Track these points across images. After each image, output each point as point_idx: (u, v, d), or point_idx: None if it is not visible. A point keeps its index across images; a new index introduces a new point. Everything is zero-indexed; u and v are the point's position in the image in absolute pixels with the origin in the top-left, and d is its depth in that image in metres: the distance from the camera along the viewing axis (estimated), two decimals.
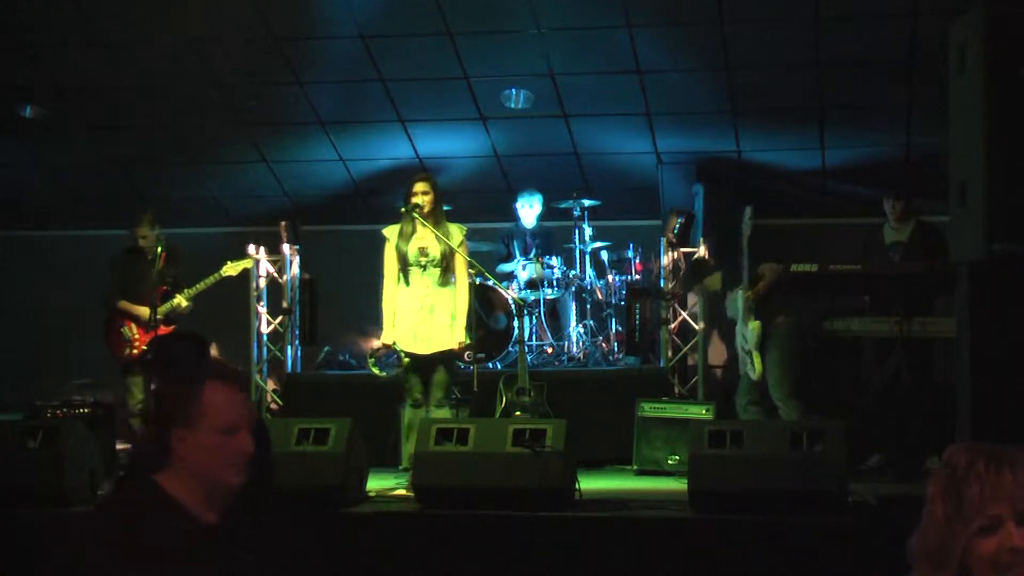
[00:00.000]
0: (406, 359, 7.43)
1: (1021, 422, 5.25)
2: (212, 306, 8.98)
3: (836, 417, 6.71)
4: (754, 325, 7.73)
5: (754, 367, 7.75)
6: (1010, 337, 5.67)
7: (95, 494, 6.70)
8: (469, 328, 7.62)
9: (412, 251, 7.47)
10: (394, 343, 7.44)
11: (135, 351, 8.53)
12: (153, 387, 4.13)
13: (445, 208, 8.53)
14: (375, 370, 7.55)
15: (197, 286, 8.68)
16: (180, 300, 8.59)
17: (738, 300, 7.88)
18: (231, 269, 8.98)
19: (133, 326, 8.59)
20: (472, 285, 7.91)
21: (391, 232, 7.58)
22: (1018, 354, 5.64)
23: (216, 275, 8.85)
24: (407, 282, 7.48)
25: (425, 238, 7.47)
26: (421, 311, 7.47)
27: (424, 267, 7.46)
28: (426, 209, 7.42)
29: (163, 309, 8.55)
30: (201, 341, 4.83)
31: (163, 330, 8.53)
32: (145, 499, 2.71)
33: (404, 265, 7.47)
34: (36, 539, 6.27)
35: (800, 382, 7.82)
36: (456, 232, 7.55)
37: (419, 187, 7.47)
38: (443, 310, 7.48)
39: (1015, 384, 5.55)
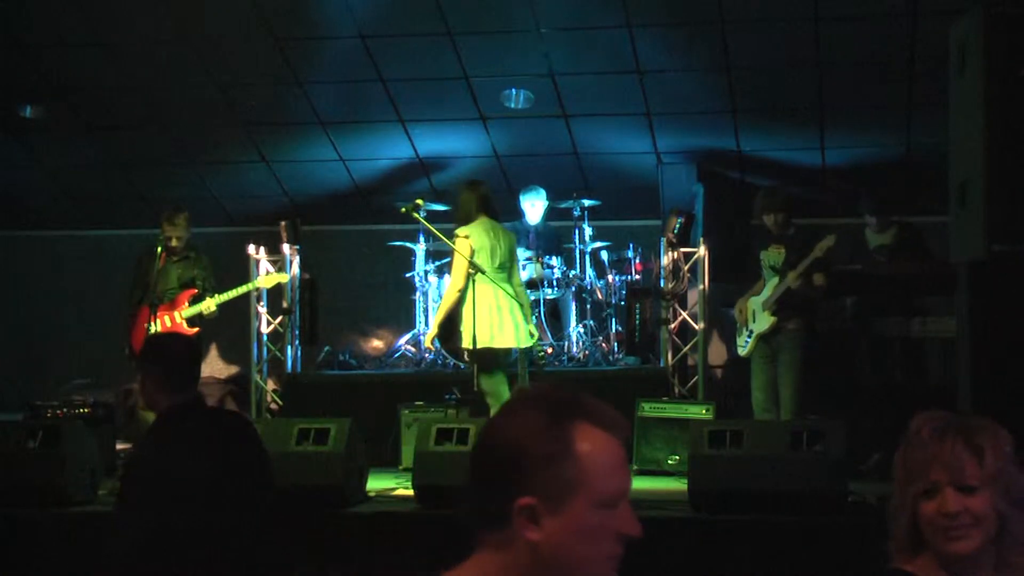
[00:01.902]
0: None
1: (1021, 422, 5.25)
2: None
3: (836, 417, 6.71)
4: (770, 320, 7.77)
5: (743, 347, 7.98)
6: (1010, 337, 5.67)
7: (95, 494, 6.71)
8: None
9: None
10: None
11: None
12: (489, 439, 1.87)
13: (437, 207, 9.49)
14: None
15: (229, 293, 8.58)
16: (210, 304, 8.47)
17: (771, 283, 7.88)
18: (265, 281, 9.04)
19: (158, 323, 8.47)
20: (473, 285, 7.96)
21: None
22: (1018, 354, 5.64)
23: (250, 284, 8.88)
24: None
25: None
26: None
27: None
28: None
29: (189, 312, 8.47)
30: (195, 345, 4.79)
31: (186, 332, 8.44)
32: None
33: None
34: (36, 539, 6.29)
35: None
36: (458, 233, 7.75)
37: None
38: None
39: (1015, 384, 5.55)
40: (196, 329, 8.51)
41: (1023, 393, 5.44)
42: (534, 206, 9.77)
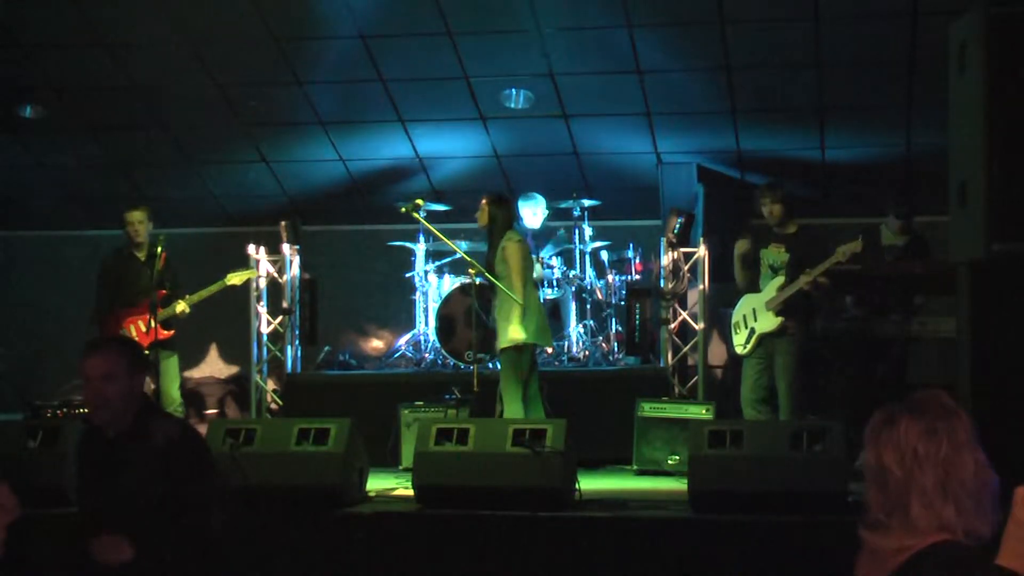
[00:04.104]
0: None
1: (1021, 422, 5.25)
2: (212, 306, 8.98)
3: (836, 417, 6.71)
4: (776, 320, 7.73)
5: (744, 344, 7.87)
6: (1010, 337, 5.67)
7: None
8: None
9: None
10: None
11: None
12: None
13: (437, 207, 9.70)
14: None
15: (201, 293, 8.59)
16: (184, 306, 8.48)
17: (772, 282, 7.83)
18: (235, 278, 8.98)
19: (132, 327, 8.51)
20: (473, 285, 7.99)
21: None
22: (1018, 354, 5.64)
23: (220, 283, 8.84)
24: None
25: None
26: None
27: None
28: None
29: (164, 314, 8.48)
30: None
31: (163, 334, 8.47)
32: None
33: None
34: (36, 539, 6.29)
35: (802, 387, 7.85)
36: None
37: None
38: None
39: (1015, 384, 5.55)
40: (171, 332, 8.54)
41: (1023, 393, 5.44)
42: (535, 214, 9.75)
